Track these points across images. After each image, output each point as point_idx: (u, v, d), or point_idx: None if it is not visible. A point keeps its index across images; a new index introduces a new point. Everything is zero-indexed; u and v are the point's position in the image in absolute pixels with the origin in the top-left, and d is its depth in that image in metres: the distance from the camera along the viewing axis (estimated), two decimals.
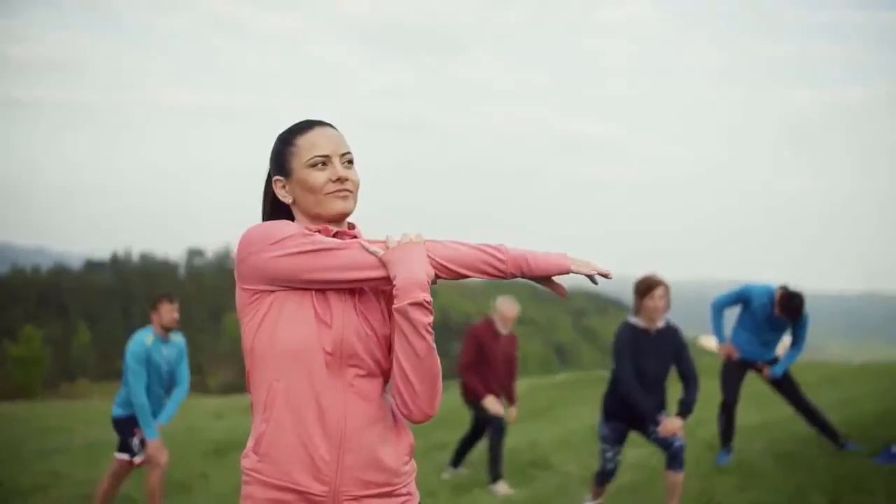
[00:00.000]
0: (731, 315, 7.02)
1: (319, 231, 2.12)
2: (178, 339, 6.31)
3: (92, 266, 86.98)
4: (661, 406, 5.39)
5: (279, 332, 2.03)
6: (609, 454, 5.55)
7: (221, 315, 69.46)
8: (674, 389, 5.47)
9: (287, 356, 2.03)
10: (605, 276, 2.15)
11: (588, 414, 11.88)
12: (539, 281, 2.15)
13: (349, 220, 2.20)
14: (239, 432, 12.81)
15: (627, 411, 5.36)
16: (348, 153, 2.15)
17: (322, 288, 2.05)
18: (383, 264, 2.04)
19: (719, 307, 6.95)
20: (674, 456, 5.27)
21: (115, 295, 77.14)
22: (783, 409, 9.13)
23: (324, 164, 2.12)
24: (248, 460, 2.09)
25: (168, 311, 6.13)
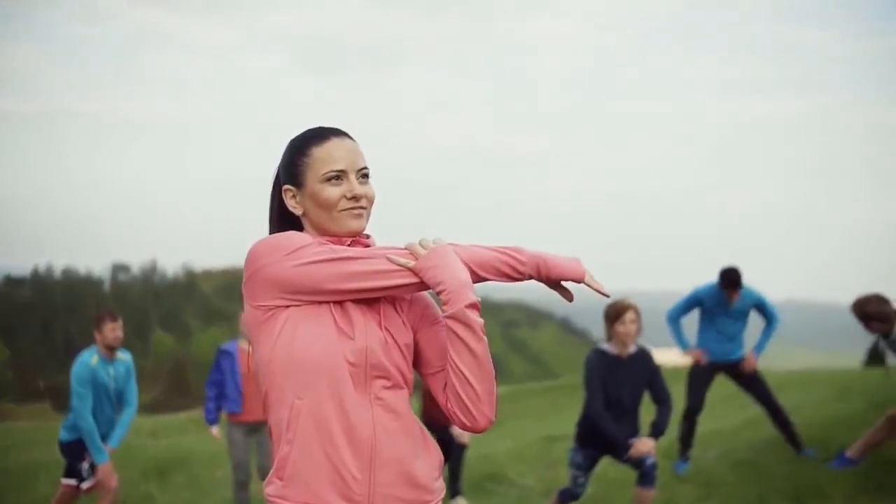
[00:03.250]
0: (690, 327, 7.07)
1: (332, 241, 2.02)
2: (124, 357, 6.09)
3: (11, 282, 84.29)
4: (634, 433, 5.32)
5: (298, 348, 1.92)
6: (581, 479, 5.49)
7: (148, 332, 68.13)
8: (646, 411, 5.43)
9: (309, 372, 1.92)
10: (604, 295, 2.12)
11: (536, 426, 11.86)
12: (549, 284, 2.09)
13: None
14: (177, 451, 12.47)
15: (601, 438, 5.29)
16: (365, 168, 2.06)
17: (347, 298, 1.95)
18: (410, 271, 1.95)
19: (675, 317, 7.00)
20: (645, 474, 5.23)
21: (35, 311, 74.95)
22: (733, 417, 9.26)
23: (339, 178, 2.02)
24: (272, 487, 1.97)
25: (111, 330, 5.90)
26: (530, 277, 2.06)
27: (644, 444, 5.18)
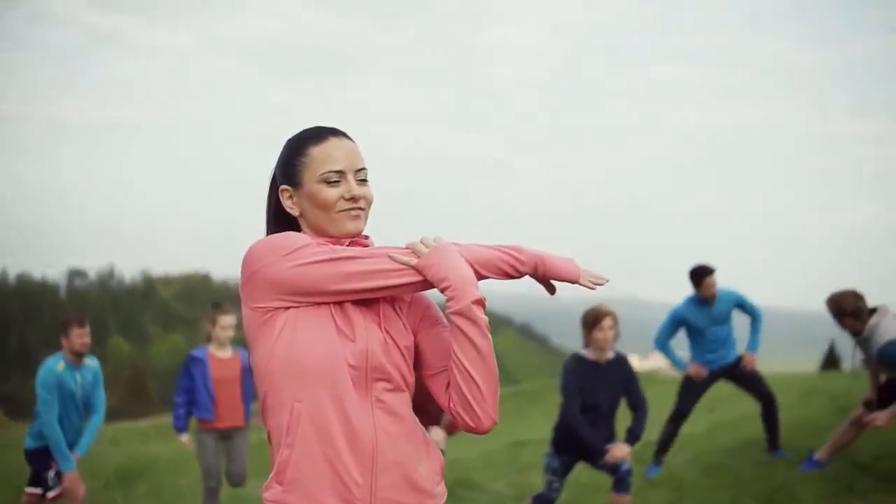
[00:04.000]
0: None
1: (330, 243, 1.99)
2: (92, 363, 5.98)
3: None
4: (610, 438, 5.33)
5: (298, 350, 1.88)
6: (556, 485, 5.49)
7: (105, 338, 67.06)
8: (623, 417, 5.44)
9: (308, 374, 1.88)
10: (599, 283, 2.12)
11: (502, 431, 11.85)
12: (539, 280, 2.09)
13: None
14: (140, 459, 12.29)
15: (577, 444, 5.29)
16: (363, 169, 2.03)
17: (349, 298, 1.92)
18: (413, 269, 1.92)
19: (662, 342, 7.06)
20: (621, 479, 5.24)
21: None
22: (702, 422, 9.32)
23: (337, 179, 1.99)
24: (271, 492, 1.93)
25: (79, 336, 5.78)
26: (527, 275, 2.06)
27: (620, 450, 5.19)
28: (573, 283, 2.07)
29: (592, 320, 5.24)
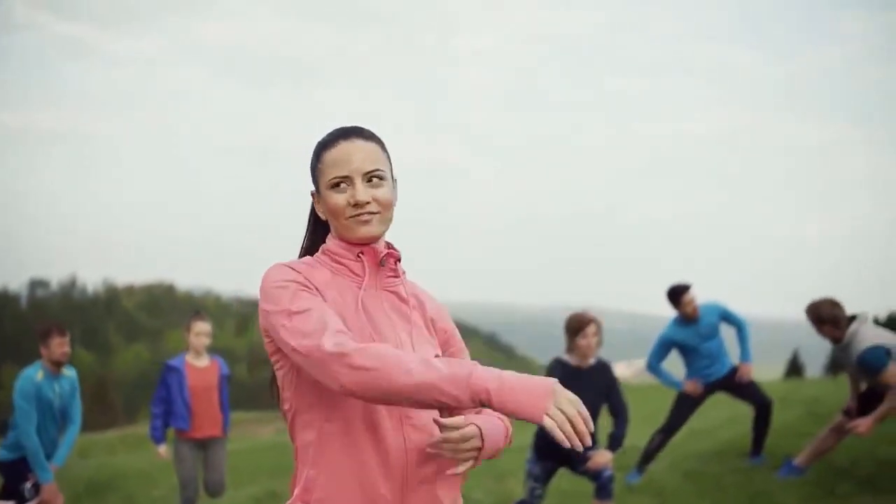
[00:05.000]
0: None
1: (363, 253, 1.94)
2: (70, 373, 5.89)
3: None
4: (591, 444, 5.33)
5: None
6: (538, 491, 5.49)
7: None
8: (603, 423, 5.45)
9: (337, 393, 1.81)
10: (578, 448, 1.67)
11: None
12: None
13: (389, 242, 2.03)
14: (108, 470, 12.15)
15: (558, 449, 5.29)
16: (375, 170, 1.93)
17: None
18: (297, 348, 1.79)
19: (654, 365, 7.11)
20: (603, 486, 5.25)
21: None
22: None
23: (343, 184, 1.92)
24: None
25: (59, 345, 5.69)
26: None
27: (602, 457, 5.20)
28: (535, 423, 1.67)
29: (576, 327, 5.26)
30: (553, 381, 1.69)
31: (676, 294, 6.88)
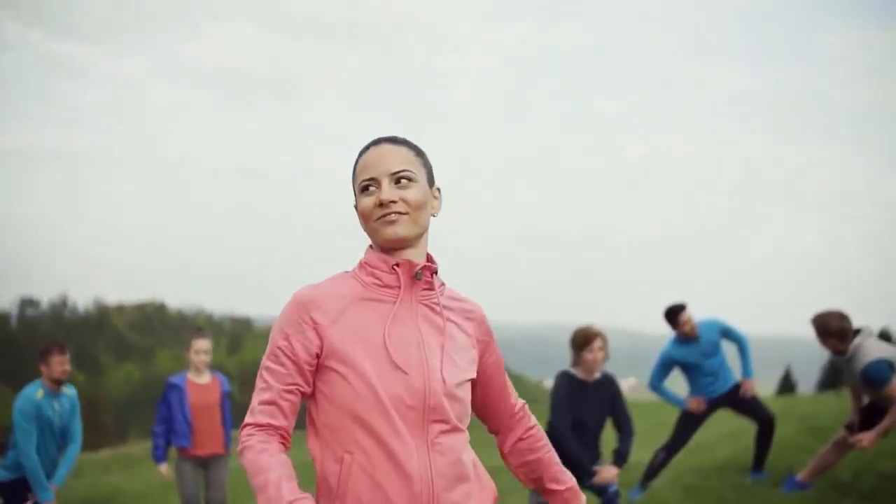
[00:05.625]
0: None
1: (398, 265, 1.91)
2: (70, 391, 5.89)
3: None
4: (596, 457, 5.33)
5: (347, 394, 1.83)
6: None
7: None
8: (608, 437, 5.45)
9: (359, 419, 1.82)
10: None
11: None
12: None
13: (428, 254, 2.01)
14: (103, 490, 12.08)
15: (565, 462, 5.27)
16: (402, 171, 1.90)
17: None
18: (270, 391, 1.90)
19: (656, 384, 7.12)
20: (608, 501, 5.24)
21: None
22: None
23: (371, 187, 1.91)
24: None
25: (59, 363, 5.70)
26: None
27: (608, 472, 5.19)
28: None
29: (582, 341, 5.26)
30: None
31: (673, 314, 6.90)
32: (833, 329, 5.73)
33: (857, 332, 5.77)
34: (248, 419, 1.86)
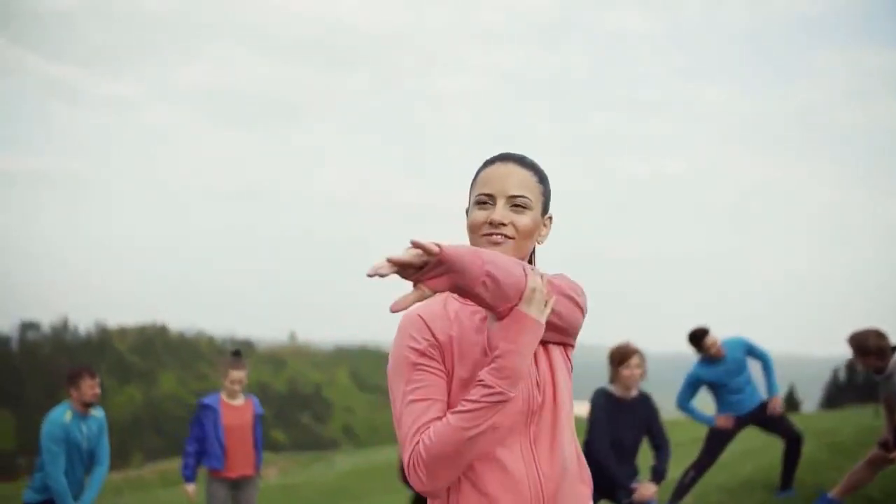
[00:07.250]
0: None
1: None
2: (97, 414, 5.89)
3: None
4: (633, 475, 5.32)
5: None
6: None
7: (57, 392, 65.54)
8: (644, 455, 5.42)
9: None
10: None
11: None
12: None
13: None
14: None
15: (600, 482, 5.25)
16: (520, 196, 1.90)
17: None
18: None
19: (684, 404, 7.10)
20: None
21: None
22: None
23: (486, 203, 1.91)
24: None
25: (90, 387, 5.73)
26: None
27: (647, 489, 5.18)
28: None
29: (620, 358, 5.27)
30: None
31: (698, 338, 6.89)
32: (871, 347, 5.70)
33: (895, 349, 5.75)
34: (402, 445, 1.79)
